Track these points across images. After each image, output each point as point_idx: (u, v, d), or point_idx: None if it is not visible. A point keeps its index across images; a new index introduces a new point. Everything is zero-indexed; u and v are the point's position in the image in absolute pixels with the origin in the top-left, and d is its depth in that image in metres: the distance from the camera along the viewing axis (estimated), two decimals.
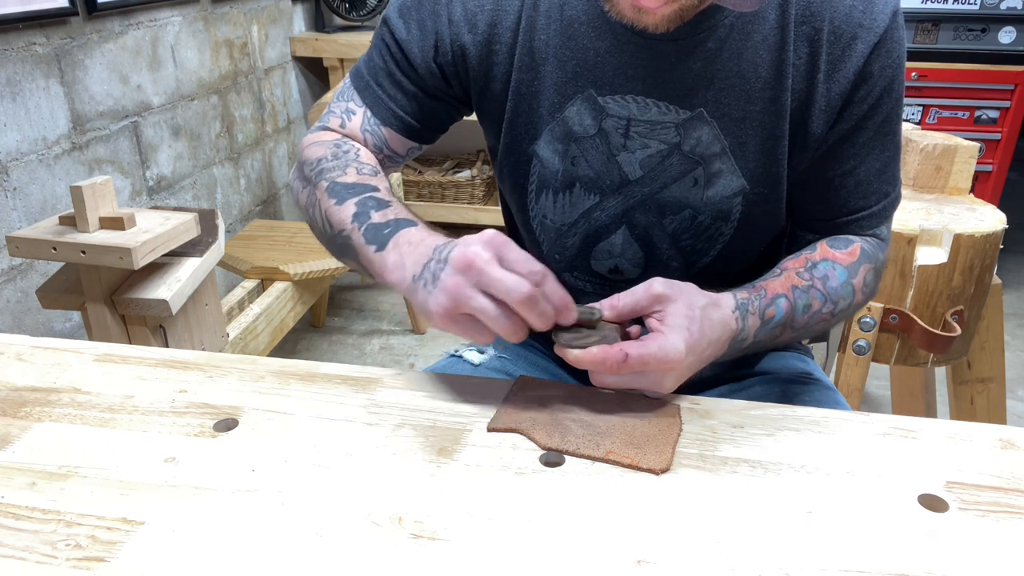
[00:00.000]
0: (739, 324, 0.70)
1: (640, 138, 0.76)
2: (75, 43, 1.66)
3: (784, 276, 0.76)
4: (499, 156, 0.85)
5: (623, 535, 0.55)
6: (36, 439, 0.65)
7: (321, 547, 0.53)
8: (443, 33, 0.79)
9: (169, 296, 1.25)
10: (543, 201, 0.83)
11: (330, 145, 0.82)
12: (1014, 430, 0.68)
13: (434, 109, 0.84)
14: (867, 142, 0.76)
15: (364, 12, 2.65)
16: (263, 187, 2.51)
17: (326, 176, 0.78)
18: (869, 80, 0.73)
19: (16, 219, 1.55)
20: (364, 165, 0.80)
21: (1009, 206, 1.72)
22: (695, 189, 0.77)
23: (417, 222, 0.71)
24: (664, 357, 0.63)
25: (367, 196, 0.74)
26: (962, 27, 2.45)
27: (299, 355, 2.37)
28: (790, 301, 0.74)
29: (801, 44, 0.72)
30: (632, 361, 0.63)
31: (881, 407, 2.09)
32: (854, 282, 0.78)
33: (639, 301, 0.66)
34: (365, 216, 0.72)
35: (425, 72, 0.81)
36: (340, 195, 0.75)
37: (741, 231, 0.80)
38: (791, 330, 0.76)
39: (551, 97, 0.78)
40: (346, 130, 0.85)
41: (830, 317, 0.78)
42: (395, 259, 0.67)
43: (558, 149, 0.79)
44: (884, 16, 0.72)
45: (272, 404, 0.70)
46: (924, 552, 0.54)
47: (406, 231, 0.69)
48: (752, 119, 0.74)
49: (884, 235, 0.82)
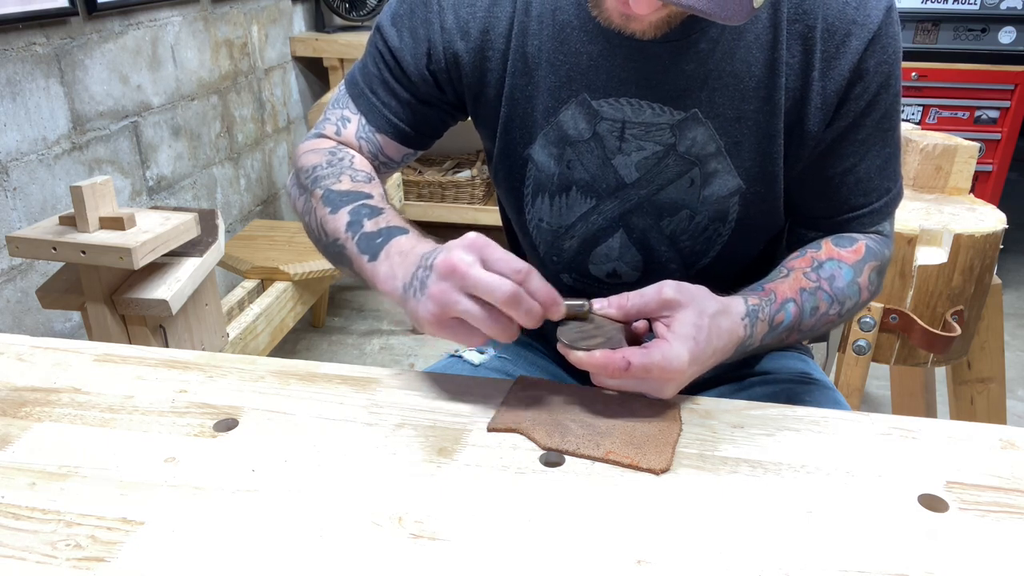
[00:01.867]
0: (747, 331, 0.70)
1: (635, 140, 0.76)
2: (75, 43, 1.66)
3: (792, 277, 0.76)
4: (495, 160, 0.85)
5: (623, 535, 0.55)
6: (36, 439, 0.65)
7: (321, 547, 0.53)
8: (435, 41, 0.79)
9: (169, 296, 1.25)
10: (539, 205, 0.83)
11: (325, 152, 0.83)
12: (1014, 430, 0.68)
13: (428, 116, 0.84)
14: (866, 139, 0.76)
15: (364, 12, 2.65)
16: (263, 187, 2.51)
17: (321, 184, 0.78)
18: (865, 77, 0.73)
19: (16, 219, 1.55)
20: (358, 172, 0.80)
21: (1009, 206, 1.72)
22: (691, 189, 0.77)
23: (408, 229, 0.71)
24: (667, 367, 0.63)
25: (360, 204, 0.74)
26: (962, 27, 2.45)
27: (299, 355, 2.37)
28: (798, 305, 0.74)
29: (794, 42, 0.72)
30: (635, 369, 0.62)
31: (881, 407, 2.09)
32: (860, 281, 0.78)
33: (648, 304, 0.65)
34: (358, 225, 0.72)
35: (418, 79, 0.81)
36: (334, 203, 0.75)
37: (739, 232, 0.80)
38: (797, 332, 0.76)
39: (545, 102, 0.78)
40: (341, 137, 0.85)
41: (836, 318, 0.78)
42: (386, 270, 0.68)
43: (553, 153, 0.79)
44: (878, 12, 0.72)
45: (272, 404, 0.70)
46: (924, 552, 0.54)
47: (397, 240, 0.69)
48: (747, 118, 0.74)
49: (887, 231, 0.82)
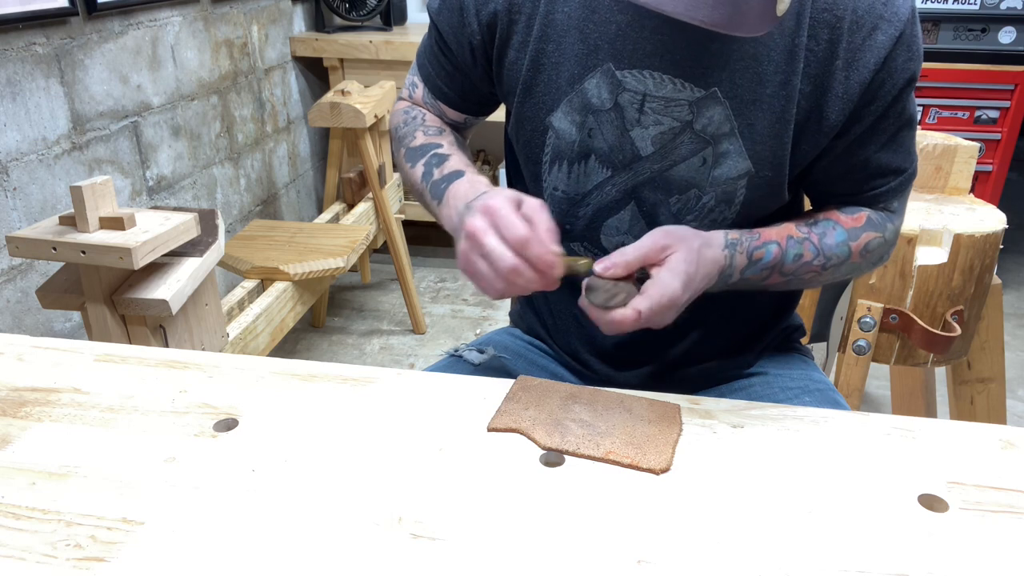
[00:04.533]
0: (728, 261, 0.77)
1: (654, 114, 0.78)
2: (75, 43, 1.66)
3: (783, 226, 0.81)
4: (512, 126, 0.87)
5: (623, 535, 0.55)
6: (36, 439, 0.65)
7: (321, 547, 0.53)
8: (468, 8, 0.82)
9: (169, 296, 1.25)
10: (556, 173, 0.84)
11: (401, 113, 0.94)
12: (1014, 430, 0.68)
13: (473, 85, 0.89)
14: (888, 128, 0.78)
15: (364, 12, 2.65)
16: (263, 187, 2.51)
17: (403, 143, 0.91)
18: (894, 74, 0.74)
19: (16, 219, 1.55)
20: (429, 128, 0.90)
21: (1009, 206, 1.72)
22: (703, 169, 0.79)
23: (464, 172, 0.81)
24: (668, 301, 0.70)
25: (432, 155, 0.85)
26: (962, 27, 2.45)
27: (299, 355, 2.36)
28: (781, 248, 0.79)
29: (821, 30, 0.73)
30: (645, 315, 0.68)
31: (881, 407, 2.09)
32: (852, 245, 0.81)
33: (647, 255, 0.71)
34: (429, 175, 0.84)
35: (457, 49, 0.85)
36: (412, 158, 0.88)
37: (743, 215, 0.81)
38: (780, 275, 0.80)
39: (571, 68, 0.79)
40: (414, 99, 0.95)
41: (820, 270, 0.81)
42: (446, 213, 0.79)
43: (575, 120, 0.81)
44: (905, 9, 0.73)
45: (272, 404, 0.70)
46: (924, 552, 0.54)
47: (454, 185, 0.79)
48: (762, 101, 0.75)
49: (894, 207, 0.85)
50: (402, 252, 2.38)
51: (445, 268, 2.87)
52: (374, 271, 2.84)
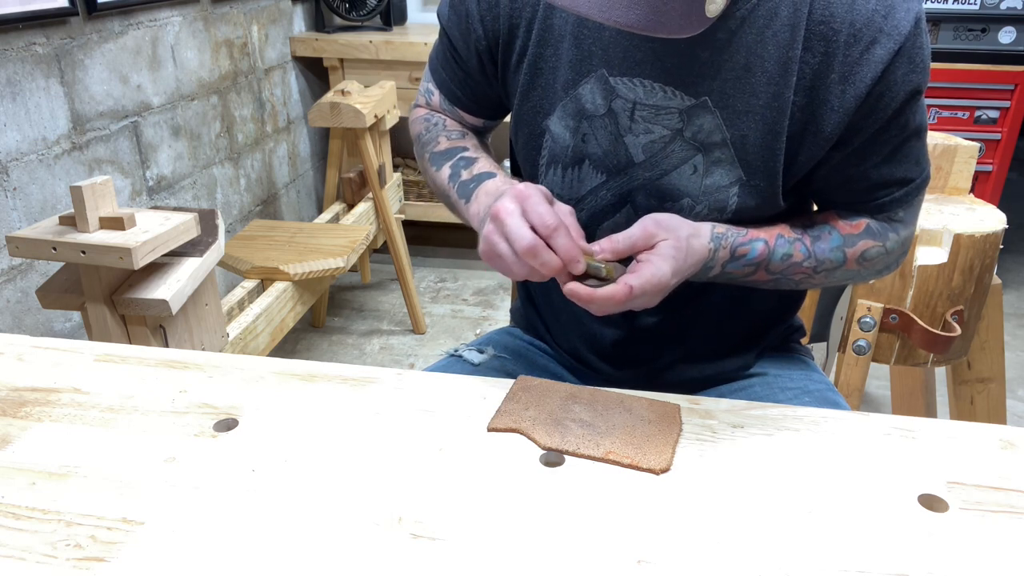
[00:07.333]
0: (710, 254, 0.77)
1: (644, 122, 0.77)
2: (75, 43, 1.66)
3: (776, 226, 0.81)
4: (513, 128, 0.88)
5: (623, 535, 0.55)
6: (36, 439, 0.65)
7: (321, 547, 0.53)
8: (473, 13, 0.83)
9: (169, 296, 1.25)
10: (552, 176, 0.85)
11: (422, 120, 0.95)
12: (1014, 430, 0.68)
13: (482, 90, 0.90)
14: (891, 140, 0.76)
15: (364, 12, 2.65)
16: (263, 187, 2.51)
17: (427, 149, 0.92)
18: (893, 87, 0.72)
19: (16, 219, 1.55)
20: (452, 132, 0.92)
21: (1009, 206, 1.72)
22: (694, 177, 0.78)
23: (496, 173, 0.83)
24: (658, 283, 0.71)
25: (458, 158, 0.87)
26: (962, 27, 2.45)
27: (299, 355, 2.36)
28: (768, 246, 0.79)
29: (817, 43, 0.72)
30: (636, 291, 0.69)
31: (881, 407, 2.09)
32: (848, 251, 0.81)
33: (636, 244, 0.73)
34: (456, 176, 0.85)
35: (466, 55, 0.86)
36: (438, 162, 0.89)
37: (737, 223, 0.80)
38: (766, 272, 0.80)
39: (566, 74, 0.79)
40: (431, 106, 0.96)
41: (811, 272, 0.81)
42: (475, 209, 0.80)
43: (570, 125, 0.81)
44: (906, 23, 0.71)
45: (272, 404, 0.70)
46: (924, 552, 0.54)
47: (485, 184, 0.81)
48: (754, 112, 0.75)
49: (900, 217, 0.82)
50: (402, 252, 2.38)
51: (445, 268, 2.86)
52: (374, 271, 2.84)
